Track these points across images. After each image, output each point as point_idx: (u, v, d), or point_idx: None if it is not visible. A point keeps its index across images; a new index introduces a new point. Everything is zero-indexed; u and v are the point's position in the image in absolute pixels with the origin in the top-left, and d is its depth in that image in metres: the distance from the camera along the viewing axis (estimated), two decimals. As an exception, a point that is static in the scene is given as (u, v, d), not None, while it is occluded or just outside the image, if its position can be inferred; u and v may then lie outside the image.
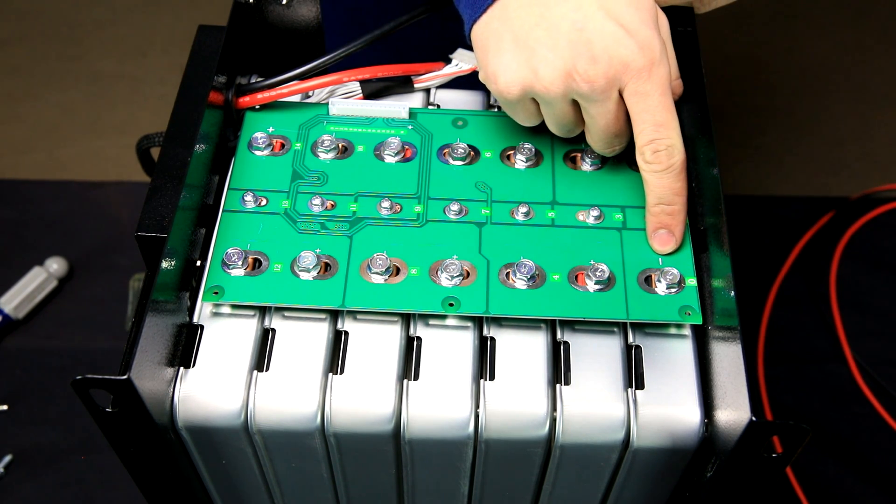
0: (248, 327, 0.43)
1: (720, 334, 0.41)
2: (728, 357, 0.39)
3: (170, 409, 0.41)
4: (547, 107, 0.44)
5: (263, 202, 0.46)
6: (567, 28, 0.41)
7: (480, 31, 0.43)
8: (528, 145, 0.48)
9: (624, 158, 0.48)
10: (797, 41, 1.22)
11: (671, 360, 0.43)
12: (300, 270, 0.43)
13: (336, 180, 0.47)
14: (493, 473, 0.45)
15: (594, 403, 0.41)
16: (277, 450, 0.43)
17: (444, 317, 0.44)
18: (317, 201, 0.46)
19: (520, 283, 0.43)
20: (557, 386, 0.42)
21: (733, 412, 0.38)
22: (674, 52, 0.44)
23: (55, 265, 0.94)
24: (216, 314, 0.43)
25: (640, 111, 0.42)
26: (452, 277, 0.43)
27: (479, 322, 0.44)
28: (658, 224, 0.44)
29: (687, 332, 0.43)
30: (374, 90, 0.51)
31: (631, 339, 0.43)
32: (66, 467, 0.82)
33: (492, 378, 0.42)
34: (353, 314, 0.44)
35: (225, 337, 0.43)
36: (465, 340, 0.43)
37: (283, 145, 0.49)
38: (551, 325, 0.44)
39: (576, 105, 0.44)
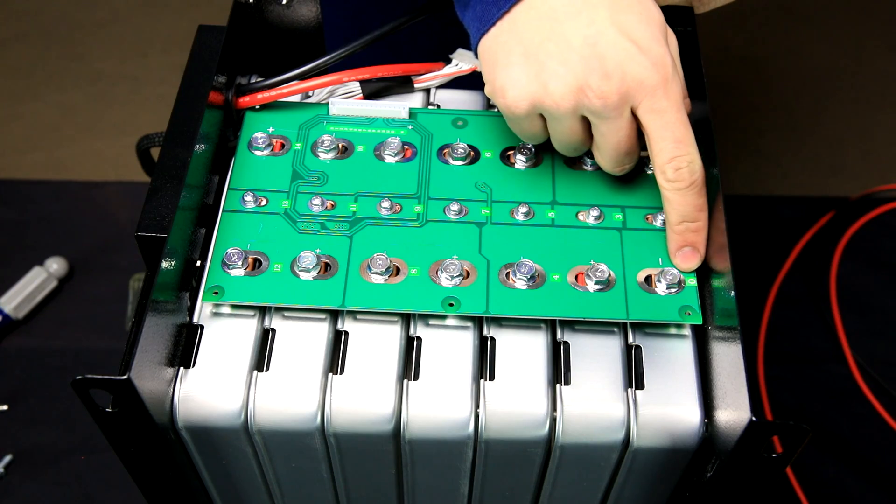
0: (248, 327, 0.43)
1: (720, 334, 0.41)
2: (728, 357, 0.39)
3: (170, 409, 0.41)
4: (555, 123, 0.43)
5: (263, 202, 0.46)
6: (579, 43, 0.40)
7: (489, 45, 0.43)
8: (528, 145, 0.48)
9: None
10: (797, 41, 1.22)
11: (671, 360, 0.43)
12: (300, 270, 0.43)
13: (336, 180, 0.47)
14: (493, 473, 0.45)
15: (594, 403, 0.41)
16: (277, 450, 0.43)
17: (444, 317, 0.44)
18: (317, 201, 0.46)
19: (520, 283, 0.43)
20: (557, 386, 0.42)
21: (733, 412, 0.38)
22: (682, 70, 0.44)
23: (55, 265, 0.94)
24: (216, 314, 0.43)
25: (658, 128, 0.41)
26: (452, 277, 0.43)
27: (479, 322, 0.44)
28: (683, 242, 0.44)
29: (687, 332, 0.44)
30: (374, 90, 0.51)
31: (631, 339, 0.43)
32: (66, 467, 0.82)
33: (492, 378, 0.42)
34: (353, 314, 0.44)
35: (225, 337, 0.43)
36: (465, 340, 0.43)
37: (283, 145, 0.49)
38: (551, 325, 0.44)
39: (584, 122, 0.43)
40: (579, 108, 0.41)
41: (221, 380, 0.41)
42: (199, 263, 0.45)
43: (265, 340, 0.43)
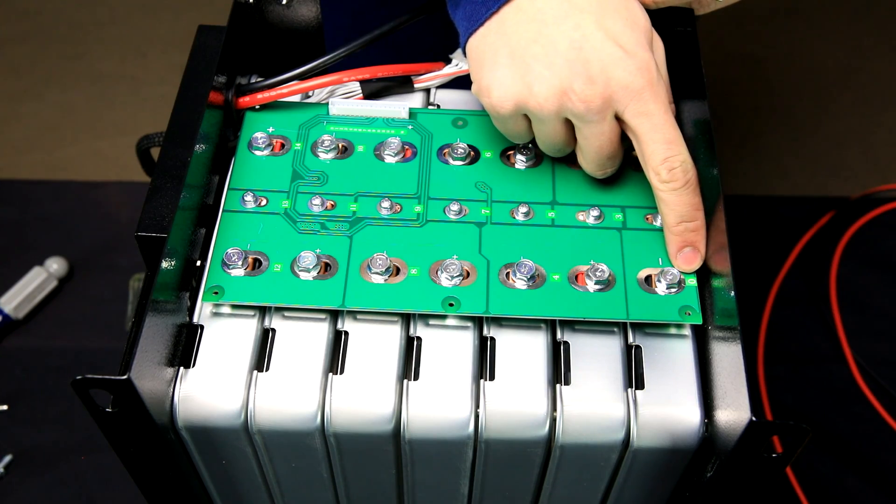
0: (248, 327, 0.43)
1: (720, 334, 0.41)
2: (728, 357, 0.39)
3: (170, 409, 0.41)
4: (539, 124, 0.44)
5: (263, 202, 0.46)
6: (565, 47, 0.41)
7: (476, 44, 0.43)
8: (528, 145, 0.48)
9: (625, 159, 0.48)
10: (797, 41, 1.22)
11: (671, 360, 0.43)
12: (300, 270, 0.43)
13: (336, 180, 0.47)
14: (493, 473, 0.45)
15: (594, 403, 0.41)
16: (277, 450, 0.43)
17: (444, 317, 0.44)
18: (317, 201, 0.46)
19: (520, 283, 0.43)
20: (557, 386, 0.42)
21: (733, 412, 0.38)
22: (667, 75, 0.44)
23: (55, 265, 0.94)
24: (216, 314, 0.43)
25: (648, 130, 0.42)
26: (452, 277, 0.43)
27: (479, 322, 0.44)
28: (683, 242, 0.44)
29: (687, 332, 0.43)
30: (374, 90, 0.51)
31: (631, 339, 0.43)
32: (66, 467, 0.82)
33: (492, 378, 0.42)
34: (353, 314, 0.44)
35: (225, 337, 0.43)
36: (465, 340, 0.43)
37: (283, 145, 0.49)
38: (551, 325, 0.44)
39: (569, 125, 0.43)
40: (563, 111, 0.42)
41: (221, 380, 0.41)
42: (199, 263, 0.45)
43: (265, 340, 0.43)
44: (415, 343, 0.43)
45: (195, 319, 0.43)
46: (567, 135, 0.44)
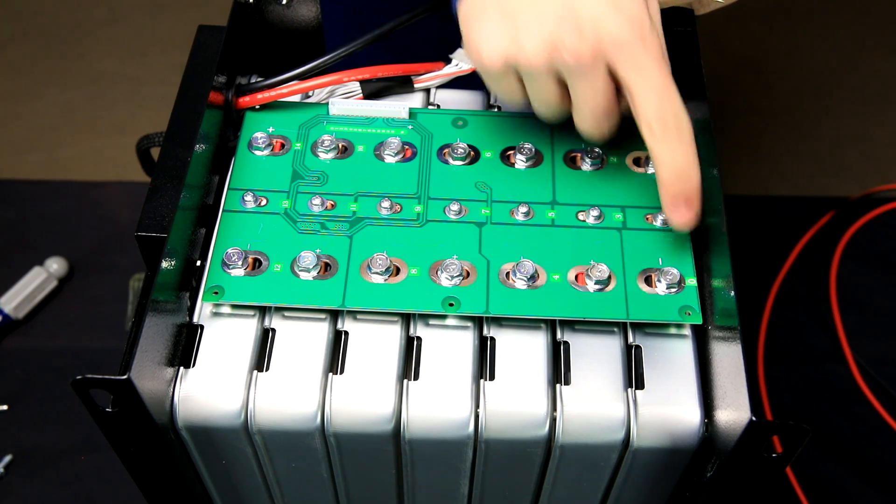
0: (248, 327, 0.43)
1: (720, 334, 0.41)
2: (728, 357, 0.39)
3: (170, 409, 0.41)
4: (531, 82, 0.43)
5: (263, 202, 0.46)
6: (555, 0, 0.40)
7: (467, 5, 0.43)
8: (528, 145, 0.48)
9: (624, 158, 0.48)
10: (797, 41, 1.22)
11: (671, 360, 0.43)
12: (300, 270, 0.43)
13: (336, 180, 0.47)
14: (493, 473, 0.45)
15: (594, 403, 0.41)
16: (277, 450, 0.43)
17: (444, 317, 0.44)
18: (317, 201, 0.46)
19: (520, 283, 0.43)
20: (557, 386, 0.42)
21: (733, 412, 0.38)
22: (661, 30, 0.43)
23: (55, 265, 0.94)
24: (216, 314, 0.43)
25: (639, 82, 0.41)
26: (452, 277, 0.43)
27: (479, 322, 0.44)
28: (675, 196, 0.42)
29: (687, 332, 0.43)
30: (374, 90, 0.51)
31: (631, 339, 0.43)
32: (66, 467, 0.82)
33: (492, 378, 0.42)
34: (353, 314, 0.44)
35: (225, 337, 0.43)
36: (465, 340, 0.43)
37: (283, 145, 0.49)
38: (551, 325, 0.44)
39: (562, 83, 0.43)
40: (553, 65, 0.41)
41: (221, 380, 0.41)
42: (199, 263, 0.45)
43: (265, 340, 0.43)
44: (415, 343, 0.43)
45: (195, 319, 0.43)
46: (560, 93, 0.43)
